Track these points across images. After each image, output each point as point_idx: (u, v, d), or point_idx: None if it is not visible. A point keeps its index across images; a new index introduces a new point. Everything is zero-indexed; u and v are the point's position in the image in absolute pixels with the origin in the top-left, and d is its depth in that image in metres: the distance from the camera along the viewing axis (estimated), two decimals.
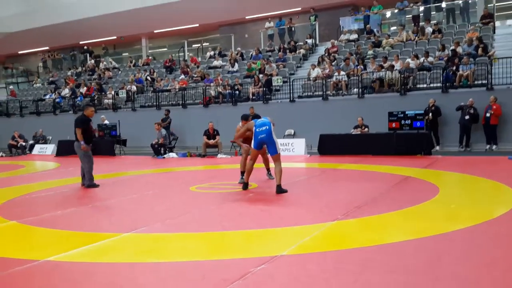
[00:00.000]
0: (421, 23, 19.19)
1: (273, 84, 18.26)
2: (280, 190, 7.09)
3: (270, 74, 18.60)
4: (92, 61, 28.24)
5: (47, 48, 32.55)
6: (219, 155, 14.79)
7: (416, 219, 5.20)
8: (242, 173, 8.20)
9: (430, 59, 15.84)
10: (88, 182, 8.59)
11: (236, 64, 21.36)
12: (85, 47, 30.33)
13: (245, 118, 8.56)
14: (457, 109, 13.70)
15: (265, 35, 23.45)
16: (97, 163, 13.61)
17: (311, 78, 17.52)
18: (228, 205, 6.33)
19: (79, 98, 23.11)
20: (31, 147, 20.70)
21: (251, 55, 21.83)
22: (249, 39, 26.08)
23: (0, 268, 3.77)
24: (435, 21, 19.03)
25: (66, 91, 24.56)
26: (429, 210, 5.63)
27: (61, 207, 6.58)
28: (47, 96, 24.95)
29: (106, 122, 18.51)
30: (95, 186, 8.59)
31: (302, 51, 20.76)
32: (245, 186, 7.61)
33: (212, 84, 19.68)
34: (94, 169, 8.75)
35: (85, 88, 23.95)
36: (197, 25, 27.31)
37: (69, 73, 27.74)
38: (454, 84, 14.71)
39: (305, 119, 16.41)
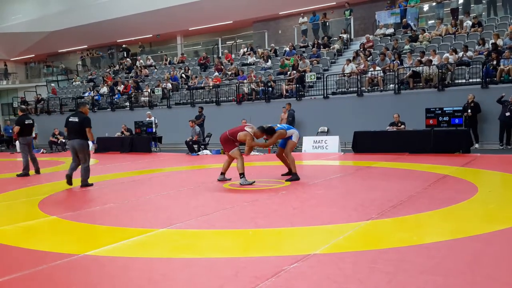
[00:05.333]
0: (460, 16, 18.65)
1: (306, 80, 18.16)
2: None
3: (304, 70, 18.49)
4: (129, 59, 28.81)
5: (85, 46, 33.46)
6: (252, 152, 14.82)
7: (453, 219, 5.07)
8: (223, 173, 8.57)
9: (469, 53, 15.38)
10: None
11: (269, 60, 21.34)
12: (123, 46, 31.00)
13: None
14: (498, 100, 13.25)
15: (299, 30, 23.33)
16: (134, 159, 13.85)
17: (345, 74, 17.31)
18: (261, 203, 6.34)
19: (116, 96, 23.66)
20: None
21: (285, 51, 21.76)
22: (282, 35, 26.02)
23: (41, 262, 3.93)
24: (474, 14, 18.44)
25: (104, 89, 25.19)
26: (467, 210, 5.48)
27: (99, 203, 6.78)
28: (86, 94, 25.66)
29: (153, 118, 18.55)
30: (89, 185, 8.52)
31: (337, 46, 20.52)
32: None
33: (245, 81, 19.74)
34: (129, 165, 8.88)
35: (122, 86, 24.49)
36: (231, 21, 27.47)
37: (107, 71, 28.42)
38: (495, 79, 14.23)
39: (339, 116, 16.24)
